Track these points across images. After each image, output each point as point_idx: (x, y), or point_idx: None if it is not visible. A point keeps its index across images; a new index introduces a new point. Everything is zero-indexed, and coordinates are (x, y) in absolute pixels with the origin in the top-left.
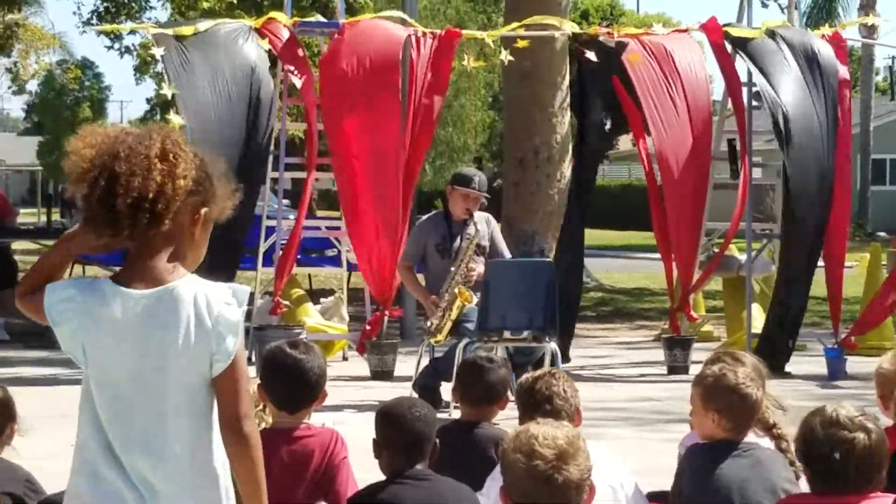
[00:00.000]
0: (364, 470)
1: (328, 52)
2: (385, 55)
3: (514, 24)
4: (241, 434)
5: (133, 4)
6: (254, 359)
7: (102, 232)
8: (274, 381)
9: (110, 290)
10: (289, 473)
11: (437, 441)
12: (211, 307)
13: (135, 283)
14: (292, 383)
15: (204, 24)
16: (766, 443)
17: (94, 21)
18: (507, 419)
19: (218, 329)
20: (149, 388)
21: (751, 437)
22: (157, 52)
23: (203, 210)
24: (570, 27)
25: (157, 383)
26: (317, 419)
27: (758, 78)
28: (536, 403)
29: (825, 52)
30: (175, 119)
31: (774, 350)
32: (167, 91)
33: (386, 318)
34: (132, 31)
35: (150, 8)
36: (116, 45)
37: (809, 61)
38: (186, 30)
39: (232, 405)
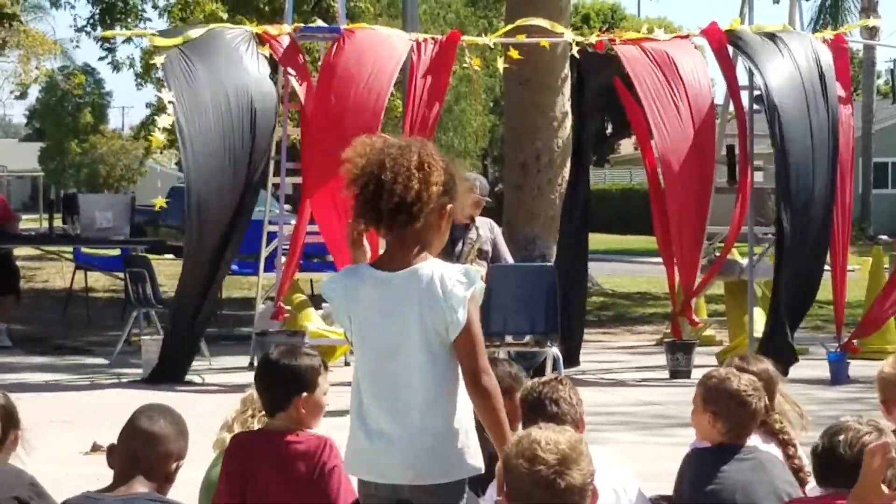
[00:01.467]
0: None
1: (319, 73)
2: (372, 88)
3: (509, 27)
4: (480, 386)
5: (130, 11)
6: (255, 364)
7: (368, 226)
8: (257, 385)
9: (367, 273)
10: (274, 477)
11: None
12: (445, 284)
13: (387, 266)
14: (265, 386)
15: (205, 31)
16: (774, 449)
17: (90, 29)
18: None
19: (450, 303)
20: (397, 352)
21: (759, 443)
22: (158, 60)
23: (448, 207)
24: (568, 34)
25: (404, 347)
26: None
27: (755, 70)
28: (542, 408)
29: (825, 58)
30: (161, 121)
31: (776, 355)
32: (166, 97)
33: None
34: (128, 39)
35: (147, 20)
36: (109, 59)
37: (810, 64)
38: (187, 36)
39: (468, 364)
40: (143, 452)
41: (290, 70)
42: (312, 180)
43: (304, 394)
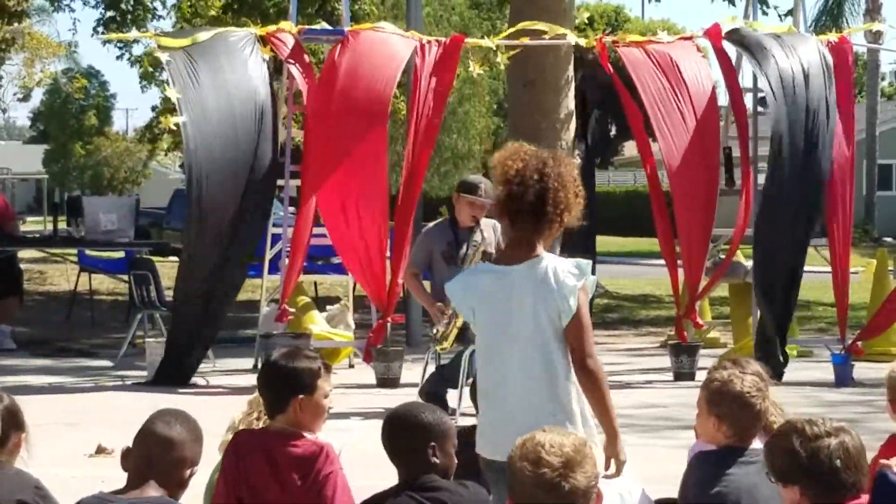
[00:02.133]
0: (369, 478)
1: (322, 73)
2: (377, 87)
3: (512, 30)
4: (587, 369)
5: (139, 13)
6: (258, 366)
7: (513, 223)
8: (259, 386)
9: (485, 268)
10: (269, 478)
11: (455, 443)
12: (558, 276)
13: (508, 262)
14: (265, 387)
15: (210, 33)
16: None
17: (101, 31)
18: None
19: (563, 292)
20: (515, 338)
21: (756, 444)
22: (163, 56)
23: (566, 217)
24: (571, 36)
25: (520, 334)
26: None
27: (760, 75)
28: None
29: (827, 59)
30: (172, 119)
31: (769, 359)
32: (172, 94)
33: (389, 325)
34: (135, 41)
35: (159, 17)
36: (127, 56)
37: (810, 65)
38: (192, 38)
39: (578, 348)
40: (158, 457)
41: (295, 67)
42: (314, 179)
43: (302, 395)
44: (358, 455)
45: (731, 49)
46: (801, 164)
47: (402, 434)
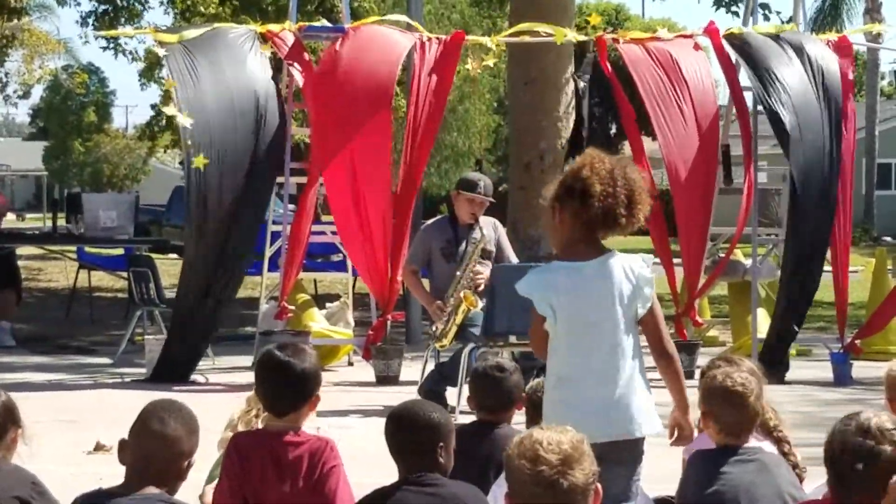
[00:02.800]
0: (369, 475)
1: (322, 62)
2: (381, 71)
3: (513, 30)
4: (668, 352)
5: (134, 7)
6: None
7: (595, 226)
8: (262, 383)
9: (559, 266)
10: (275, 477)
11: (454, 443)
12: (633, 269)
13: (580, 258)
14: (277, 385)
15: (209, 28)
16: (768, 446)
17: (93, 24)
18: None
19: (640, 283)
20: (599, 329)
21: (751, 442)
22: (160, 51)
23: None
24: (571, 34)
25: (604, 324)
26: (322, 424)
27: (755, 85)
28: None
29: (829, 60)
30: (181, 120)
31: (774, 360)
32: (168, 87)
33: (389, 323)
34: (132, 36)
35: (150, 8)
36: (112, 45)
37: (812, 65)
38: (191, 34)
39: (656, 334)
40: (155, 455)
41: (295, 66)
42: (320, 171)
43: (312, 397)
44: (356, 452)
45: (732, 55)
46: (816, 159)
47: (411, 433)
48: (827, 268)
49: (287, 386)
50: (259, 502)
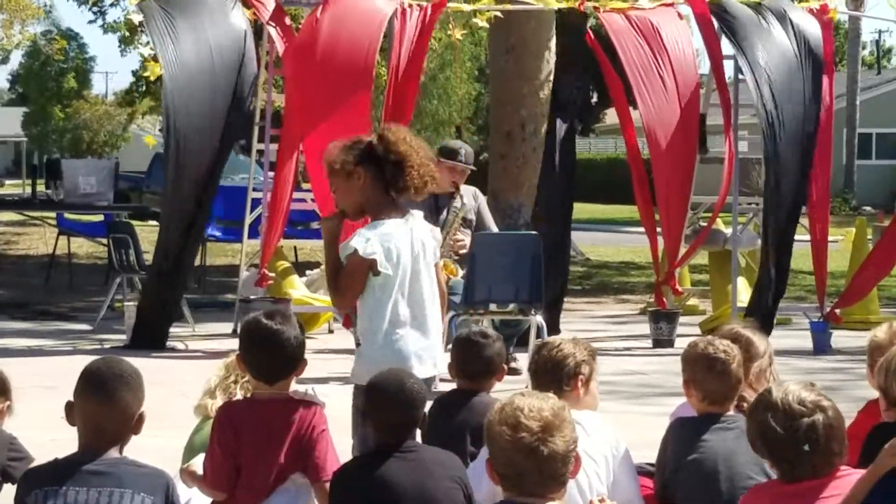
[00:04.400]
0: (347, 442)
1: (302, 31)
2: (361, 38)
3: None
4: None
5: None
6: (238, 330)
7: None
8: (251, 351)
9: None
10: (266, 444)
11: (427, 411)
12: (424, 226)
13: (395, 216)
14: (268, 354)
15: None
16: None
17: None
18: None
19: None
20: (413, 278)
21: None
22: (136, 18)
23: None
24: (554, 2)
25: (416, 274)
26: (308, 389)
27: (741, 59)
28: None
29: (810, 26)
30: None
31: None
32: (145, 51)
33: None
34: (115, 3)
35: None
36: (100, 22)
37: (793, 33)
38: None
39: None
40: (105, 424)
41: (275, 30)
42: (294, 143)
43: (300, 364)
44: (335, 419)
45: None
46: (793, 131)
47: (391, 402)
48: (806, 237)
49: (279, 355)
50: (252, 471)
